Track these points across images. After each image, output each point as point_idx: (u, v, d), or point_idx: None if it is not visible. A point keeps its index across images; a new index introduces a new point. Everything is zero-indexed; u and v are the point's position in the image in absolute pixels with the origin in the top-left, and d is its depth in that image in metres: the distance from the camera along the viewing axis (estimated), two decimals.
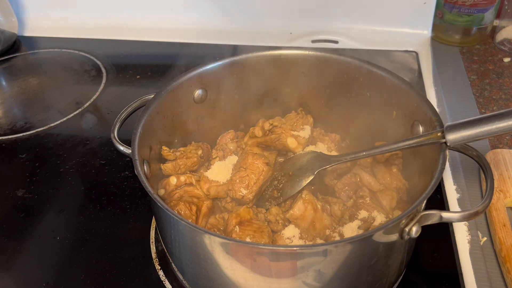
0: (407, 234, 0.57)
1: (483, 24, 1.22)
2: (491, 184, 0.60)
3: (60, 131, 1.07)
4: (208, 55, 1.24)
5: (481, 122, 0.60)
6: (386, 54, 1.24)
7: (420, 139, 0.66)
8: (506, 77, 1.14)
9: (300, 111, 0.86)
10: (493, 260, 0.73)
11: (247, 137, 0.84)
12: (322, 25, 1.33)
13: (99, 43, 1.38)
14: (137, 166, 0.63)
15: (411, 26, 1.29)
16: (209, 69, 0.81)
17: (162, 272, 0.75)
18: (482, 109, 1.04)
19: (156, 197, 0.59)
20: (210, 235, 0.56)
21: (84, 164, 0.97)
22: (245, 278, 0.59)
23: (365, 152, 0.71)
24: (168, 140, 0.80)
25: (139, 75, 1.24)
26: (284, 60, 0.84)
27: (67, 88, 1.23)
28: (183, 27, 1.38)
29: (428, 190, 0.57)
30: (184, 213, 0.70)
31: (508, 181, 0.82)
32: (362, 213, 0.70)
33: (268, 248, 0.57)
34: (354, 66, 0.80)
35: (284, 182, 0.77)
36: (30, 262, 0.78)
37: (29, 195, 0.90)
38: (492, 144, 0.94)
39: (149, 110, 0.72)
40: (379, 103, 0.79)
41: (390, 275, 0.67)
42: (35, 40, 1.45)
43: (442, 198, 0.84)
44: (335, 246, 0.55)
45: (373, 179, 0.76)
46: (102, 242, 0.80)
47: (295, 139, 0.80)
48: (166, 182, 0.75)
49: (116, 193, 0.90)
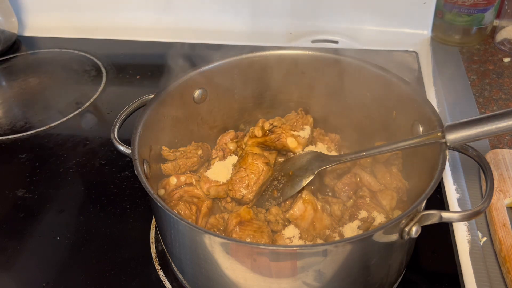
0: (407, 234, 0.57)
1: (483, 24, 1.22)
2: (491, 184, 0.60)
3: (60, 131, 1.07)
4: (208, 55, 1.24)
5: (481, 122, 0.60)
6: (386, 54, 1.24)
7: (420, 139, 0.66)
8: (506, 77, 1.14)
9: (300, 111, 0.86)
10: (493, 260, 0.73)
11: (247, 137, 0.84)
12: (322, 25, 1.33)
13: (99, 43, 1.38)
14: (137, 166, 0.63)
15: (411, 26, 1.29)
16: (209, 69, 0.81)
17: (162, 272, 0.75)
18: (482, 109, 1.04)
19: (156, 197, 0.59)
20: (210, 235, 0.56)
21: (84, 164, 0.97)
22: (245, 278, 0.59)
23: (365, 152, 0.71)
24: (168, 140, 0.80)
25: (139, 75, 1.24)
26: (284, 60, 0.84)
27: (67, 88, 1.23)
28: (183, 27, 1.38)
29: (428, 190, 0.57)
30: (184, 213, 0.70)
31: (508, 181, 0.82)
32: (362, 213, 0.70)
33: (268, 248, 0.57)
34: (354, 66, 0.80)
35: (284, 182, 0.77)
36: (30, 262, 0.78)
37: (29, 195, 0.90)
38: (492, 144, 0.94)
39: (149, 110, 0.73)
40: (379, 103, 0.79)
41: (390, 275, 0.67)
42: (35, 40, 1.45)
43: (442, 198, 0.84)
44: (335, 246, 0.55)
45: (373, 179, 0.76)
46: (102, 242, 0.80)
47: (295, 139, 0.80)
48: (166, 182, 0.75)
49: (116, 193, 0.90)
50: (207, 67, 0.81)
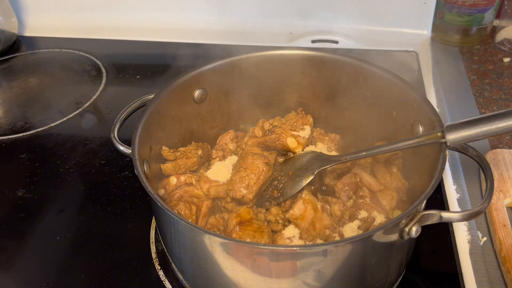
0: (407, 234, 0.57)
1: (483, 24, 1.22)
2: (491, 184, 0.60)
3: (60, 131, 1.07)
4: (208, 55, 1.24)
5: (481, 122, 0.60)
6: (386, 54, 1.24)
7: (420, 139, 0.66)
8: (506, 77, 1.14)
9: (300, 111, 0.86)
10: (493, 260, 0.73)
11: (247, 137, 0.84)
12: (322, 25, 1.33)
13: (99, 43, 1.38)
14: (137, 166, 0.63)
15: (411, 26, 1.29)
16: (209, 69, 0.81)
17: (162, 272, 0.75)
18: (482, 109, 1.04)
19: (156, 197, 0.59)
20: (210, 235, 0.56)
21: (84, 164, 0.97)
22: (245, 278, 0.59)
23: (365, 152, 0.71)
24: (168, 140, 0.80)
25: (139, 75, 1.24)
26: (284, 60, 0.84)
27: (67, 88, 1.23)
28: (183, 27, 1.38)
29: (428, 190, 0.57)
30: (184, 213, 0.70)
31: (508, 181, 0.82)
32: (362, 213, 0.70)
33: (268, 248, 0.57)
34: (354, 66, 0.80)
35: (284, 182, 0.77)
36: (30, 262, 0.78)
37: (29, 195, 0.90)
38: (492, 144, 0.94)
39: (149, 110, 0.72)
40: (379, 103, 0.79)
41: (390, 275, 0.67)
42: (35, 40, 1.45)
43: (442, 198, 0.84)
44: (335, 246, 0.55)
45: (373, 179, 0.76)
46: (102, 242, 0.80)
47: (295, 139, 0.80)
48: (166, 182, 0.75)
49: (116, 193, 0.90)
50: (207, 67, 0.81)
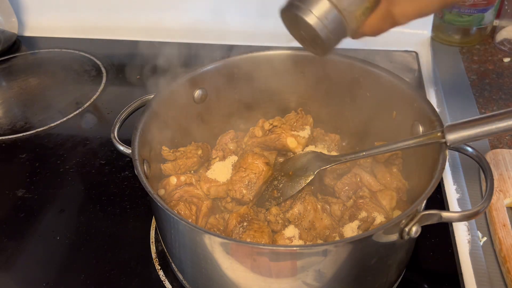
0: (407, 234, 0.57)
1: (483, 24, 1.22)
2: (491, 184, 0.60)
3: (60, 131, 1.07)
4: (208, 55, 1.24)
5: (481, 122, 0.60)
6: (386, 54, 1.23)
7: (420, 139, 0.66)
8: (506, 77, 1.14)
9: (300, 111, 0.86)
10: (493, 260, 0.73)
11: (247, 137, 0.84)
12: None
13: (99, 43, 1.39)
14: (137, 166, 0.63)
15: (411, 26, 1.27)
16: (209, 69, 0.81)
17: (162, 272, 0.75)
18: (482, 109, 1.04)
19: (156, 197, 0.59)
20: (210, 235, 0.56)
21: (84, 164, 0.97)
22: (245, 278, 0.59)
23: (365, 152, 0.71)
24: (168, 140, 0.80)
25: (139, 75, 1.24)
26: (284, 60, 0.84)
27: (67, 88, 1.23)
28: (183, 27, 1.38)
29: (428, 190, 0.57)
30: (184, 213, 0.70)
31: (508, 181, 0.82)
32: (362, 213, 0.70)
33: (268, 248, 0.57)
34: (354, 66, 0.80)
35: (284, 182, 0.77)
36: (30, 262, 0.78)
37: (29, 195, 0.90)
38: (492, 144, 0.94)
39: (149, 110, 0.73)
40: (379, 103, 0.79)
41: (390, 275, 0.67)
42: (35, 40, 1.46)
43: (442, 198, 0.84)
44: (335, 246, 0.55)
45: (373, 179, 0.76)
46: (102, 242, 0.80)
47: (295, 139, 0.80)
48: (166, 182, 0.75)
49: (116, 193, 0.90)
50: (207, 67, 0.81)
